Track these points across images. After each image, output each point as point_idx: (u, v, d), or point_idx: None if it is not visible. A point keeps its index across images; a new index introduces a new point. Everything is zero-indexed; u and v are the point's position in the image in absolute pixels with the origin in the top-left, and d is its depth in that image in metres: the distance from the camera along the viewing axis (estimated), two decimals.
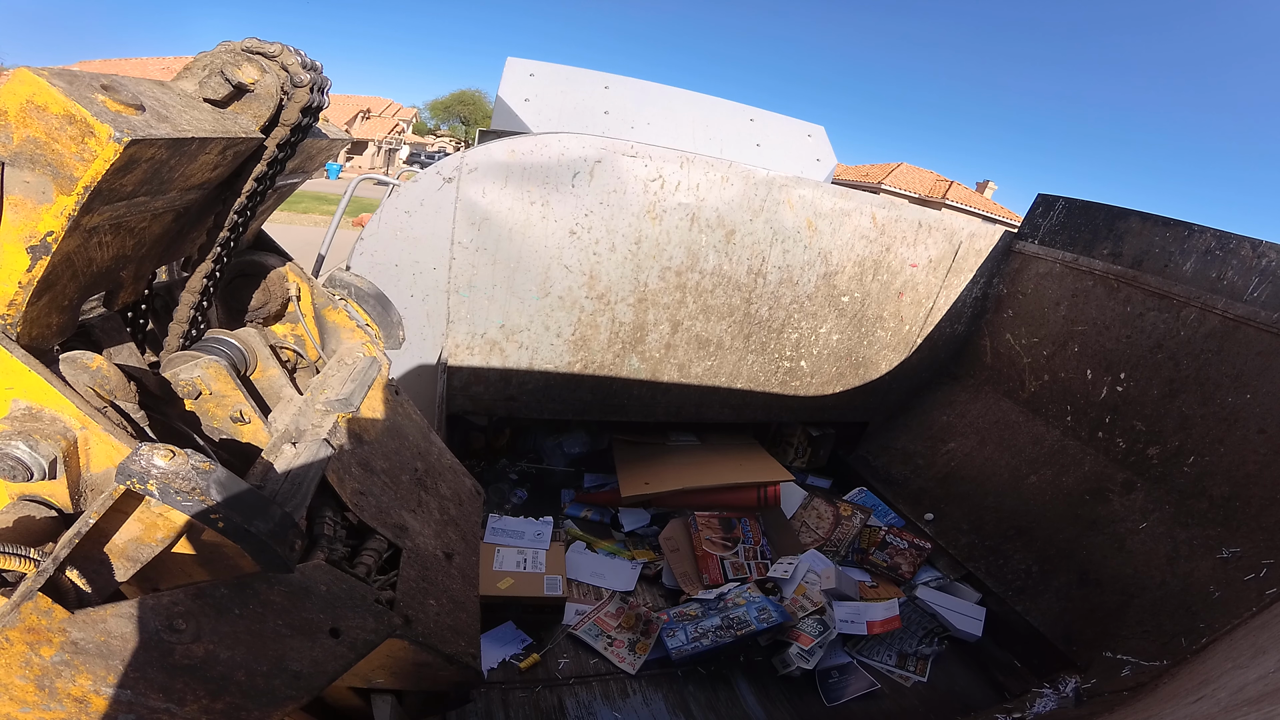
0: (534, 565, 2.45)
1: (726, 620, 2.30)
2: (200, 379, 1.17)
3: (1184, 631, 2.05)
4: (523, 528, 2.66)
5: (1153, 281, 2.68)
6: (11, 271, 0.82)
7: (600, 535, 2.90)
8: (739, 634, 2.24)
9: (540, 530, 2.67)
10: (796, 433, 3.68)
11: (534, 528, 2.68)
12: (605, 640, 2.26)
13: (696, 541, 2.69)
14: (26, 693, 0.77)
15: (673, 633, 2.26)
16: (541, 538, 2.62)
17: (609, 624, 2.33)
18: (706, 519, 2.78)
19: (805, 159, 3.99)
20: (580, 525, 2.95)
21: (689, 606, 2.42)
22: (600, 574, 2.61)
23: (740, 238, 2.77)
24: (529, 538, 2.61)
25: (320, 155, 1.53)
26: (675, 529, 2.76)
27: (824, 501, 3.08)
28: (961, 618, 2.51)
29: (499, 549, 2.50)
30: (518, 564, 2.44)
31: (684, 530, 2.75)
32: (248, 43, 1.08)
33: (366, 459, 1.36)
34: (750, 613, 2.32)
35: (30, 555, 0.78)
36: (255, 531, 0.83)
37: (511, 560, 2.45)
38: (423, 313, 2.51)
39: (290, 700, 0.94)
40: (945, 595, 2.64)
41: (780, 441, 3.73)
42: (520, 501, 3.04)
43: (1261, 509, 2.15)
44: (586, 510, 3.04)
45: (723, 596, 2.42)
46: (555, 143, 2.41)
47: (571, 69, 3.77)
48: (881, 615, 2.40)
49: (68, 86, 0.74)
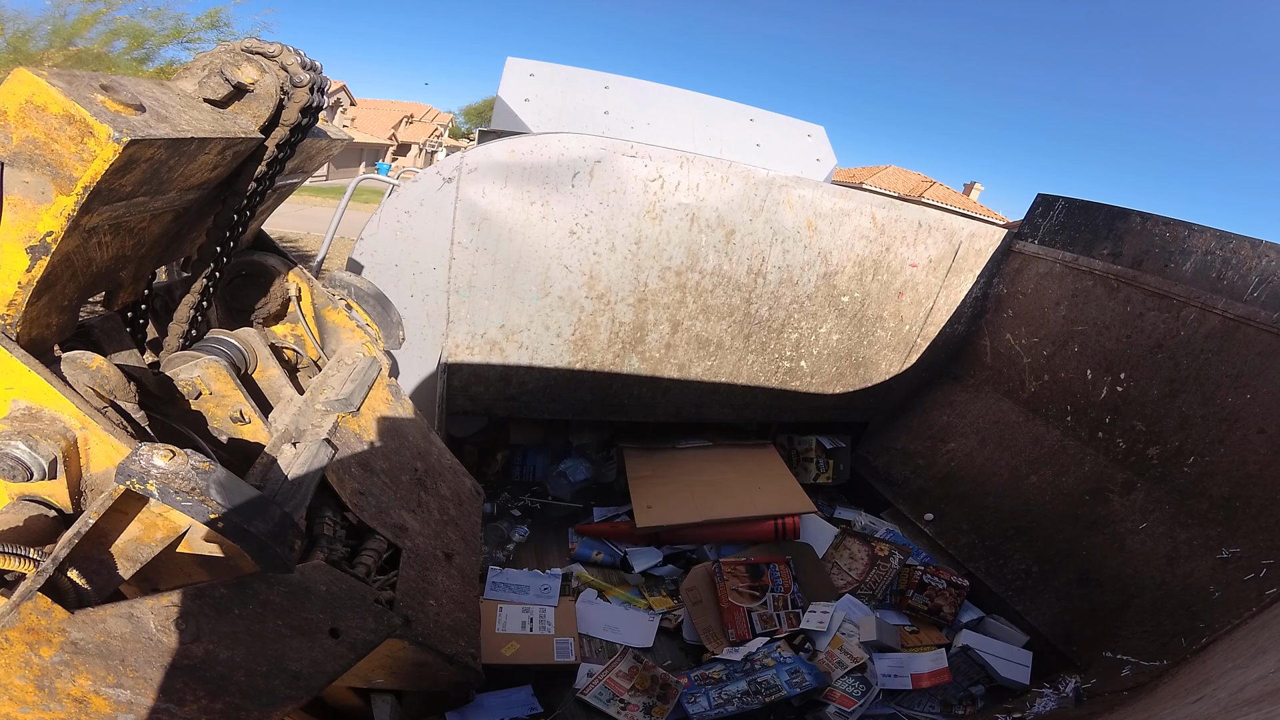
0: (542, 625, 2.19)
1: (754, 684, 2.08)
2: (200, 379, 1.17)
3: (1184, 631, 2.05)
4: (528, 581, 2.39)
5: (1153, 281, 2.67)
6: (11, 271, 0.82)
7: (613, 580, 2.63)
8: (768, 700, 2.03)
9: (547, 585, 2.38)
10: (813, 448, 3.52)
11: (540, 581, 2.40)
12: (618, 704, 2.02)
13: (722, 592, 2.41)
14: (26, 693, 0.77)
15: (694, 698, 2.05)
16: (549, 593, 2.35)
17: (621, 686, 2.08)
18: (732, 566, 2.48)
19: (805, 159, 3.99)
20: (590, 568, 2.67)
21: (712, 668, 2.18)
22: (615, 627, 2.32)
23: (740, 238, 2.77)
24: (535, 593, 2.34)
25: (320, 155, 1.53)
26: (699, 578, 2.48)
27: (857, 540, 2.83)
28: (1008, 664, 2.34)
29: (502, 607, 2.21)
30: (524, 624, 2.18)
31: (708, 580, 2.47)
32: (247, 43, 1.08)
33: (366, 459, 1.36)
34: (781, 675, 2.10)
35: (30, 555, 0.78)
36: (255, 531, 0.83)
37: (516, 620, 2.18)
38: (423, 313, 2.51)
39: (290, 700, 0.94)
40: (991, 641, 2.43)
41: (798, 459, 3.54)
42: (523, 539, 2.78)
43: (1261, 509, 2.15)
44: (597, 550, 2.74)
45: (750, 657, 2.20)
46: (555, 143, 2.41)
47: (571, 69, 3.77)
48: (928, 667, 2.22)
49: (67, 86, 0.74)
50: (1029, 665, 2.34)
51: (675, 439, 3.34)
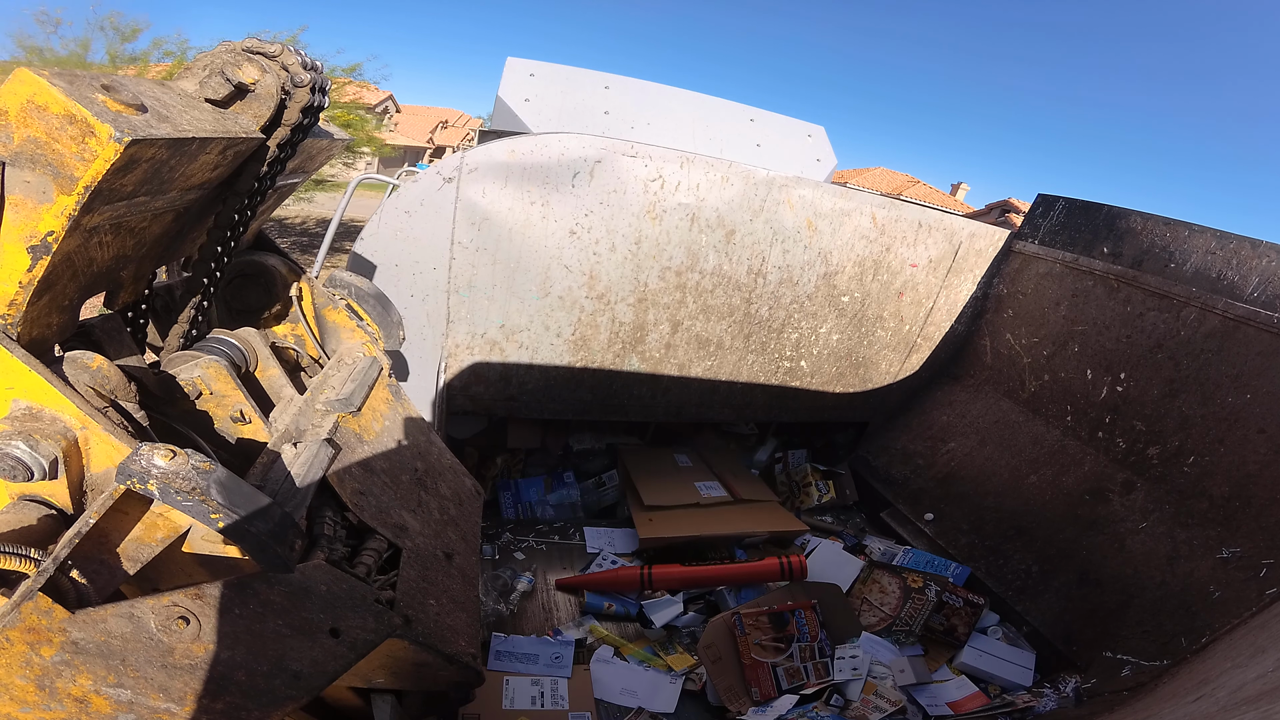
0: (555, 699, 1.98)
1: None
2: (200, 379, 1.17)
3: (1184, 631, 2.05)
4: (536, 649, 2.15)
5: (1153, 281, 2.68)
6: (12, 271, 0.82)
7: (629, 633, 2.39)
8: None
9: (559, 653, 2.14)
10: (809, 472, 3.46)
11: (550, 649, 2.15)
12: None
13: (743, 647, 2.22)
14: (27, 693, 0.77)
15: None
16: (561, 662, 2.11)
17: None
18: (754, 617, 2.26)
19: (805, 159, 3.99)
20: (604, 621, 2.43)
21: None
22: (633, 690, 2.12)
23: (740, 238, 2.77)
24: (545, 662, 2.11)
25: (321, 155, 1.54)
26: (717, 633, 2.23)
27: (886, 573, 2.66)
28: (1012, 667, 2.32)
29: (508, 679, 1.99)
30: (534, 699, 1.97)
31: (727, 634, 2.23)
32: (248, 43, 1.08)
33: (366, 459, 1.36)
34: None
35: (30, 555, 0.78)
36: (255, 531, 0.83)
37: (525, 695, 1.97)
38: (423, 313, 2.51)
39: (290, 700, 0.94)
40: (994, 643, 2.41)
41: (797, 487, 3.45)
42: (528, 589, 2.51)
43: (1261, 509, 2.15)
44: (608, 602, 2.48)
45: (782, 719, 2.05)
46: (555, 143, 2.41)
47: (571, 69, 3.77)
48: (958, 694, 2.18)
49: (68, 86, 0.74)
50: (1031, 666, 2.33)
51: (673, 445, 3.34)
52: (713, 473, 3.18)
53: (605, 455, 3.38)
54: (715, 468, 3.23)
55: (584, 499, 3.15)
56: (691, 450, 3.37)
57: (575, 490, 3.15)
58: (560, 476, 3.19)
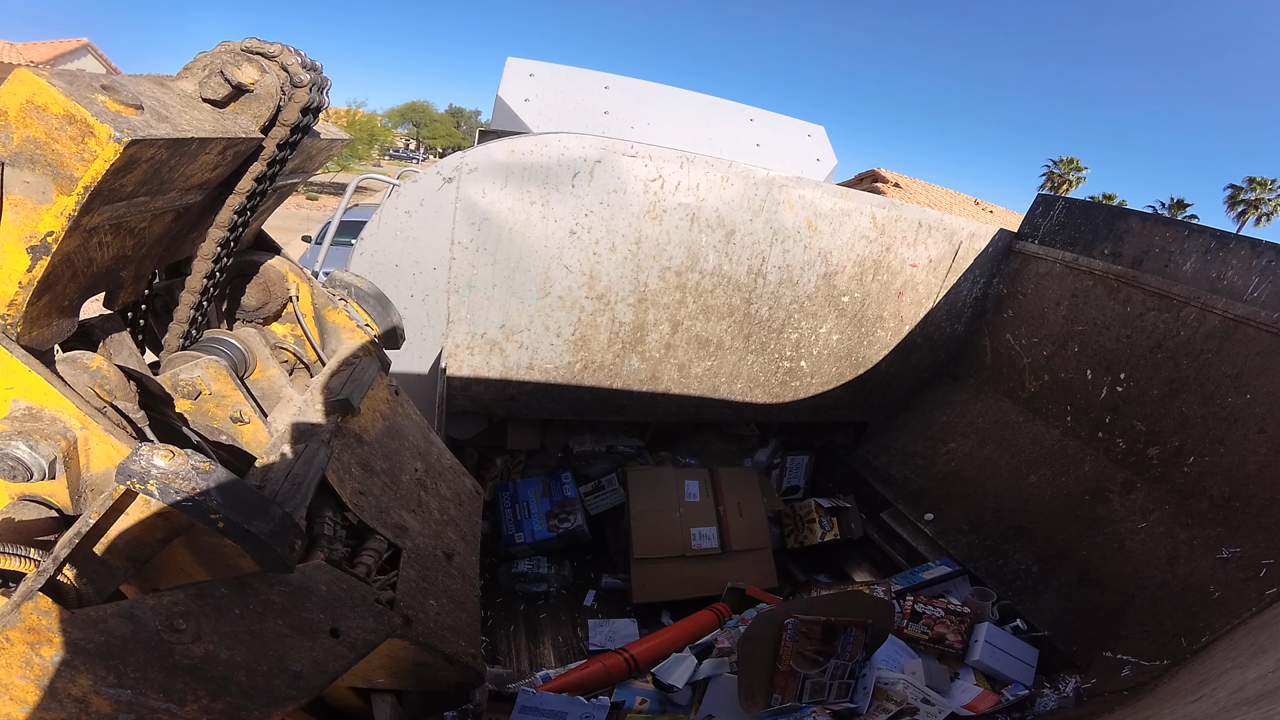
0: None
1: None
2: (200, 379, 1.17)
3: (1184, 631, 2.05)
4: (566, 707, 1.94)
5: (1153, 281, 2.67)
6: (12, 271, 0.82)
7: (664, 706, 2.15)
8: None
9: (590, 714, 1.94)
10: (812, 509, 3.38)
11: (580, 709, 1.93)
12: None
13: (784, 652, 2.10)
14: (27, 692, 0.77)
15: None
16: None
17: None
18: (808, 625, 2.12)
19: (805, 159, 3.99)
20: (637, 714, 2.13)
21: None
22: None
23: (740, 238, 2.77)
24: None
25: (320, 155, 1.53)
26: (763, 629, 2.10)
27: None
28: (1015, 664, 2.29)
29: None
30: None
31: (774, 635, 2.09)
32: (247, 43, 1.08)
33: (366, 459, 1.37)
34: None
35: (30, 555, 0.78)
36: (255, 531, 0.83)
37: None
38: (423, 313, 2.51)
39: (290, 700, 0.94)
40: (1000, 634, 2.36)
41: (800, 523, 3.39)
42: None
43: (1261, 509, 2.15)
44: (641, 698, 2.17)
45: None
46: (555, 143, 2.41)
47: (571, 69, 3.77)
48: (972, 696, 2.15)
49: (68, 87, 0.74)
50: (1034, 664, 2.31)
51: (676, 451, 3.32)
52: (717, 508, 3.14)
53: (605, 459, 3.37)
54: (726, 498, 3.16)
55: (583, 500, 3.17)
56: (705, 475, 3.22)
57: (573, 488, 3.16)
58: (558, 478, 3.19)
